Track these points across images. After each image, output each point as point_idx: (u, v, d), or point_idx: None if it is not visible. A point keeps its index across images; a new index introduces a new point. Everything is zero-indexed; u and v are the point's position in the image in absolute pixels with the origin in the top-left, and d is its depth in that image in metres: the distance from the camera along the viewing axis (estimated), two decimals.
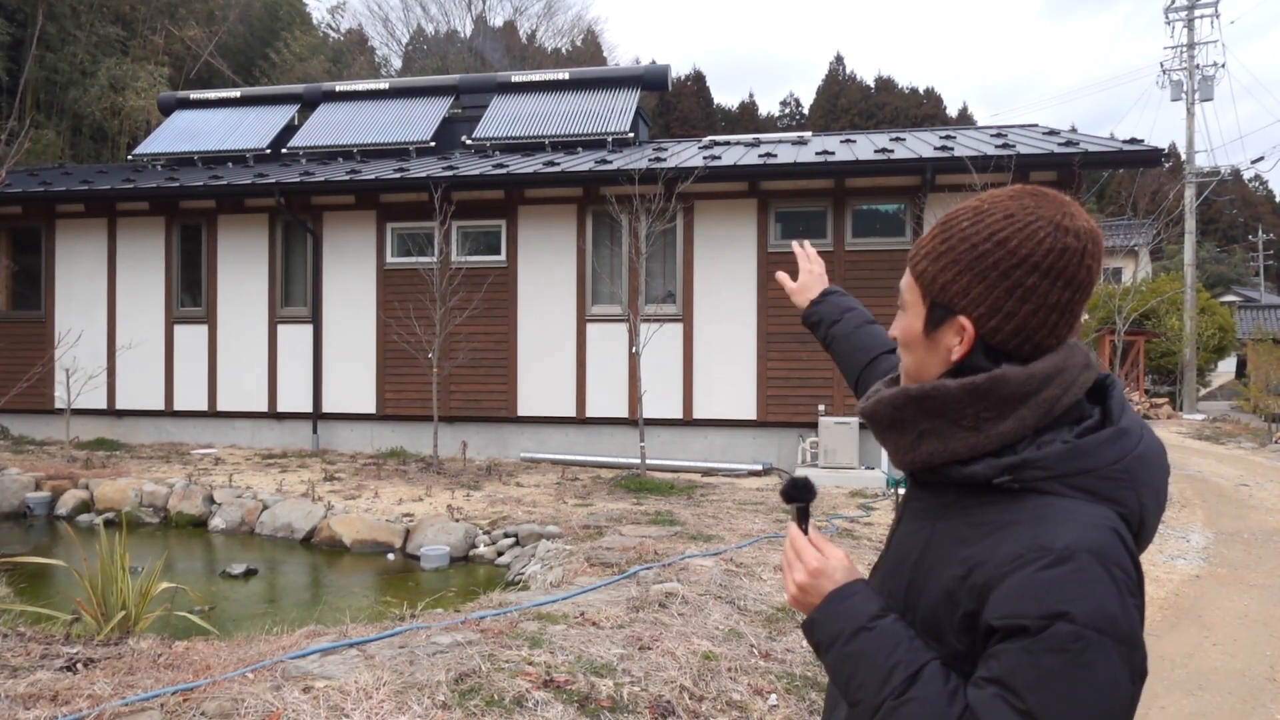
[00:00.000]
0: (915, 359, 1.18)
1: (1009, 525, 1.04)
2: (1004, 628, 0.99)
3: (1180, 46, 26.91)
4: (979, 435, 1.08)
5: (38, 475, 9.32)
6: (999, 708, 0.97)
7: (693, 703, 3.48)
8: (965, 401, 1.08)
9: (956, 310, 1.12)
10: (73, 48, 20.25)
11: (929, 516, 1.15)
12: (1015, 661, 0.97)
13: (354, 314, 11.73)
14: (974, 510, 1.09)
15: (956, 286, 1.11)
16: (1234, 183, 49.22)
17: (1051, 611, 0.96)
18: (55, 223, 12.65)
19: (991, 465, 1.07)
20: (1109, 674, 0.96)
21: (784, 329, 10.67)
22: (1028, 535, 1.01)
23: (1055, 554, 0.99)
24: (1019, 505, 1.05)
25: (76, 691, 3.19)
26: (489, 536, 7.37)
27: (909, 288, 1.18)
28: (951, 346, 1.13)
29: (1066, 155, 9.80)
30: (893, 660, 1.06)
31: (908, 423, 1.13)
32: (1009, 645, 0.98)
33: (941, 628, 1.07)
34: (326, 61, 27.40)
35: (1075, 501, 1.04)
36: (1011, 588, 0.99)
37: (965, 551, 1.06)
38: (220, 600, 6.13)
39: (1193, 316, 24.86)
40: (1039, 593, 0.97)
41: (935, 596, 1.09)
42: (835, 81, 53.28)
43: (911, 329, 1.17)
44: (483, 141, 12.84)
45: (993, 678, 0.99)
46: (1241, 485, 11.07)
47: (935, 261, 1.14)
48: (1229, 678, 4.58)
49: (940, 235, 1.15)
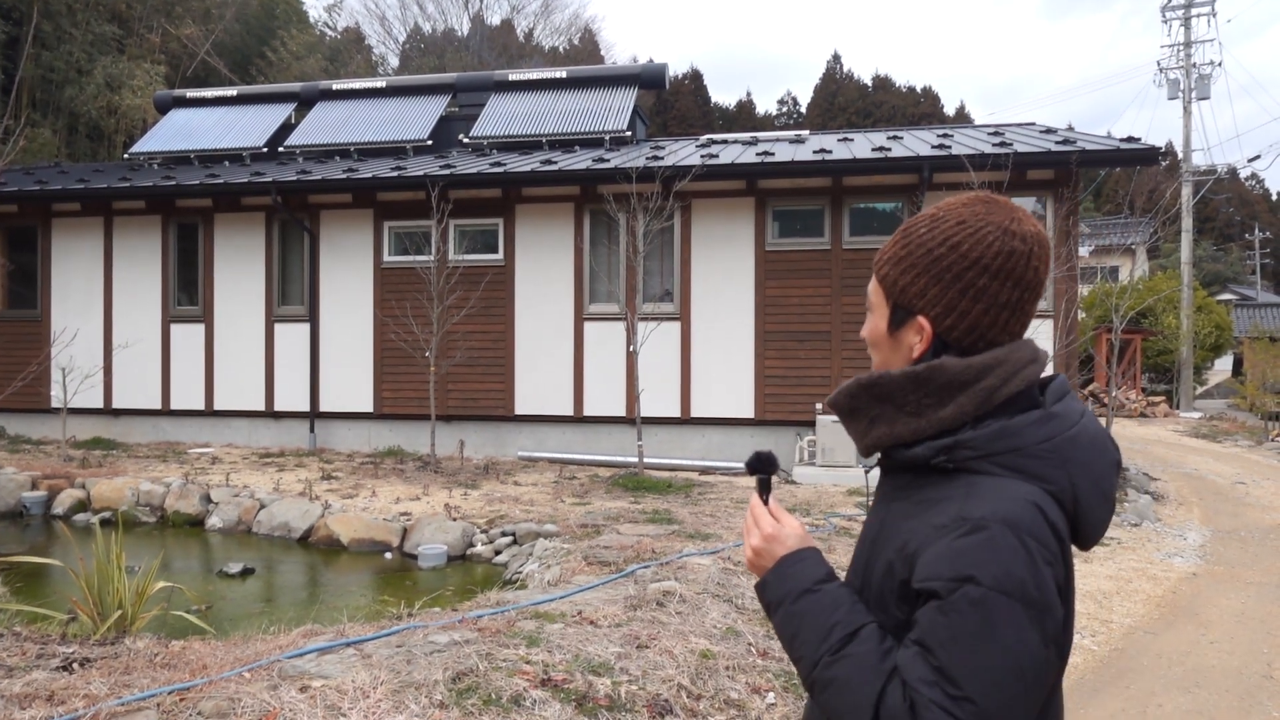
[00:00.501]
0: (881, 357, 1.28)
1: (942, 501, 1.13)
2: (922, 590, 1.09)
3: (1177, 45, 26.93)
4: (920, 420, 1.17)
5: (34, 474, 9.30)
6: (917, 664, 1.06)
7: (690, 701, 3.48)
8: (908, 388, 1.18)
9: (916, 311, 1.21)
10: (68, 46, 20.20)
11: (886, 499, 1.26)
12: (930, 621, 1.06)
13: (351, 313, 11.71)
14: (918, 490, 1.19)
15: (915, 289, 1.21)
16: (1230, 181, 49.26)
17: (960, 575, 1.05)
18: (51, 221, 12.63)
19: (930, 447, 1.16)
20: (1016, 635, 1.04)
21: (781, 328, 10.67)
22: (954, 508, 1.11)
23: (972, 523, 1.08)
24: (954, 483, 1.14)
25: (72, 691, 3.18)
26: (486, 535, 7.37)
27: (874, 291, 1.28)
28: (913, 344, 1.22)
29: (1064, 154, 9.80)
30: (832, 620, 1.15)
31: (861, 409, 1.23)
32: (927, 607, 1.08)
33: (885, 598, 1.16)
34: (323, 60, 27.36)
35: (1003, 479, 1.12)
36: (932, 554, 1.09)
37: (905, 525, 1.17)
38: (217, 600, 6.12)
39: (1189, 315, 24.89)
40: (952, 558, 1.07)
41: (881, 568, 1.18)
42: (833, 80, 53.27)
43: (878, 329, 1.27)
44: (480, 140, 12.83)
45: (914, 639, 1.08)
46: (1238, 483, 11.09)
47: (896, 266, 1.23)
48: (1226, 675, 4.58)
49: (900, 241, 1.24)
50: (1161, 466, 12.25)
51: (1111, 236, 29.36)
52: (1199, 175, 27.26)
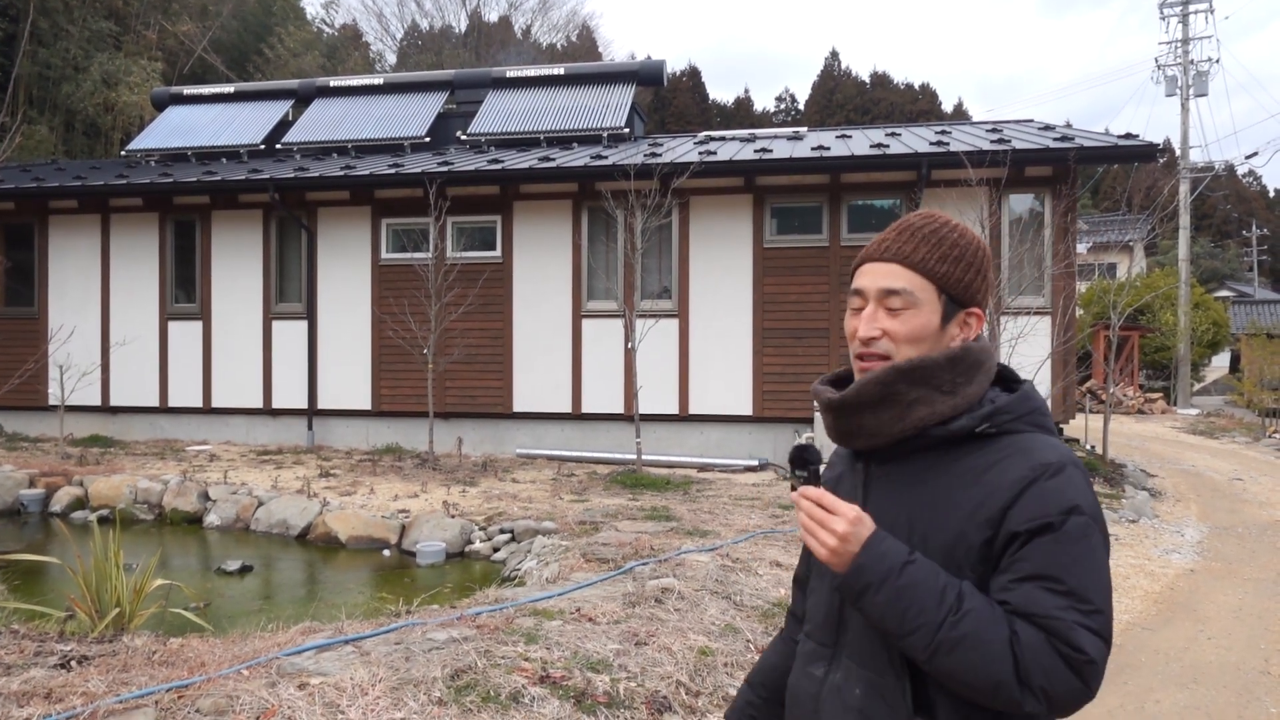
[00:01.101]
0: (923, 350, 1.33)
1: (999, 462, 1.25)
2: (1029, 529, 1.19)
3: (1175, 42, 26.94)
4: (955, 398, 1.29)
5: (32, 472, 9.28)
6: (1043, 596, 1.17)
7: (689, 698, 3.48)
8: (947, 369, 1.30)
9: (966, 303, 1.35)
10: (65, 43, 20.15)
11: (904, 483, 1.32)
12: (1046, 554, 1.18)
13: (349, 310, 11.70)
14: (956, 463, 1.28)
15: (974, 285, 1.36)
16: (1228, 178, 49.31)
17: (1067, 507, 1.20)
18: (48, 219, 12.60)
19: (971, 418, 1.28)
20: (1103, 550, 1.22)
21: (779, 324, 10.67)
22: (1023, 462, 1.24)
23: (1053, 467, 1.23)
24: (998, 446, 1.27)
25: (70, 689, 3.18)
26: (485, 532, 7.37)
27: (920, 289, 1.33)
28: (955, 336, 1.35)
29: (1062, 150, 9.80)
30: (940, 582, 1.20)
31: (897, 395, 1.29)
32: (1037, 543, 1.18)
33: (958, 565, 1.23)
34: (321, 57, 27.32)
35: (1037, 434, 1.29)
36: (1031, 498, 1.20)
37: (965, 495, 1.25)
38: (215, 597, 6.12)
39: (1187, 312, 24.92)
40: (1053, 496, 1.20)
41: (945, 541, 1.24)
42: (830, 77, 53.24)
43: (927, 325, 1.33)
44: (478, 137, 12.81)
45: (1027, 575, 1.18)
46: (1236, 479, 11.11)
47: (955, 264, 1.34)
48: (1223, 671, 4.59)
49: (949, 241, 1.35)
50: (1159, 463, 12.27)
51: (1109, 233, 29.39)
52: (1197, 172, 27.26)
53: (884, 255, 1.36)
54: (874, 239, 1.42)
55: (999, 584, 1.20)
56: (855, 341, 1.37)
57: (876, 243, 1.40)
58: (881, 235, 1.41)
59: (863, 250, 1.43)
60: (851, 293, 1.41)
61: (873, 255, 1.39)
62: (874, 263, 1.38)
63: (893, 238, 1.38)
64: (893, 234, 1.39)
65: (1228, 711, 4.09)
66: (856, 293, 1.39)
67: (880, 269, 1.36)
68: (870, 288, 1.36)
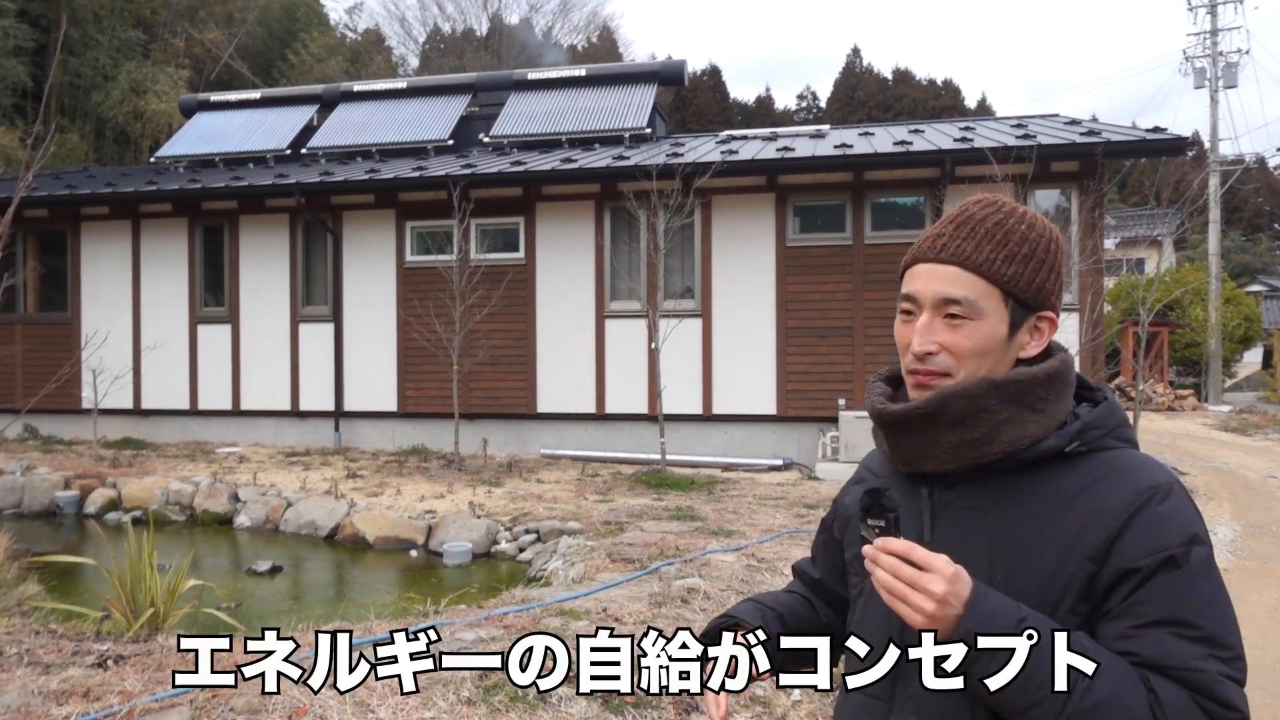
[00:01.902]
0: (989, 364, 1.15)
1: (1093, 484, 1.09)
2: (1149, 565, 1.02)
3: (1203, 33, 26.56)
4: (1045, 416, 1.12)
5: (66, 474, 9.46)
6: (1177, 644, 1.00)
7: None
8: (1043, 385, 1.13)
9: (1038, 308, 1.17)
10: (95, 52, 20.48)
11: (978, 513, 1.13)
12: (1175, 593, 1.01)
13: (374, 312, 11.80)
14: (1039, 486, 1.11)
15: (1048, 286, 1.17)
16: (1260, 170, 48.48)
17: (1188, 536, 1.04)
18: (80, 225, 12.82)
19: (1061, 437, 1.11)
20: (1221, 577, 1.07)
21: (803, 323, 10.63)
22: (1125, 484, 1.08)
23: (1161, 490, 1.07)
24: (1089, 465, 1.11)
25: (107, 688, 3.24)
26: (510, 533, 7.41)
27: (983, 296, 1.14)
28: (1025, 343, 1.17)
29: (1088, 145, 9.69)
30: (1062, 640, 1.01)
31: (987, 412, 1.11)
32: (1160, 581, 1.02)
33: (1051, 608, 1.05)
34: (344, 62, 27.54)
35: (1127, 450, 1.13)
36: (1143, 527, 1.04)
37: (1056, 524, 1.08)
38: (246, 597, 6.20)
39: (1218, 307, 24.53)
40: (1170, 523, 1.05)
41: (1038, 580, 1.07)
42: (852, 74, 52.93)
43: (994, 336, 1.14)
44: (500, 139, 12.87)
45: (1155, 619, 1.01)
46: (1269, 477, 10.93)
47: (1025, 264, 1.15)
48: (1259, 672, 4.52)
49: (1018, 238, 1.15)
50: (1190, 461, 12.09)
51: (1137, 228, 28.97)
52: (1227, 165, 26.86)
53: (940, 255, 1.16)
54: (927, 232, 1.21)
55: (1116, 630, 1.02)
56: (908, 355, 1.18)
57: (931, 238, 1.18)
58: (936, 229, 1.19)
59: (914, 246, 1.21)
60: (901, 297, 1.20)
61: (927, 254, 1.18)
62: (928, 263, 1.17)
63: (949, 233, 1.17)
64: (949, 228, 1.17)
65: (1262, 713, 4.03)
66: (908, 298, 1.18)
67: (936, 272, 1.15)
68: (925, 294, 1.16)
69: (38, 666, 3.50)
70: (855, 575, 1.28)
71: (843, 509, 1.37)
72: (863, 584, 1.24)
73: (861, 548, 1.08)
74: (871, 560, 1.05)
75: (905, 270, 1.21)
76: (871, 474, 1.32)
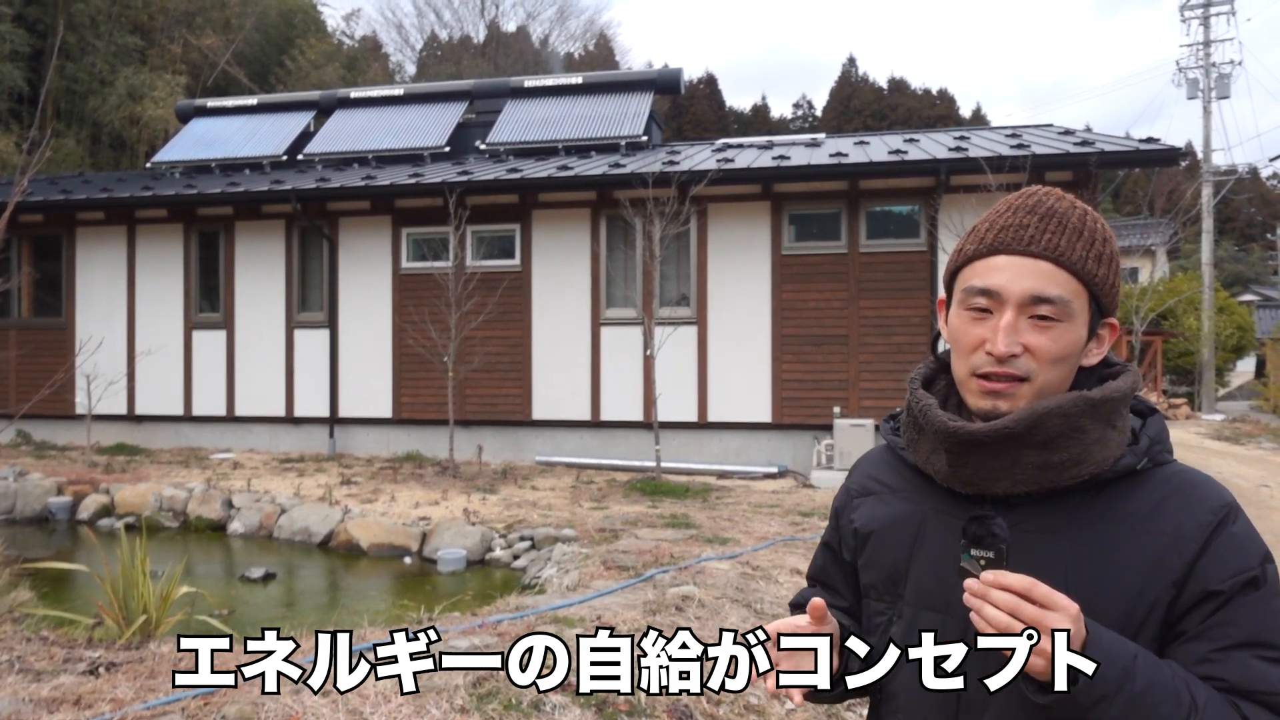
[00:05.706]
0: (1063, 373, 1.07)
1: (1160, 503, 1.04)
2: (1232, 587, 0.98)
3: (1196, 44, 26.73)
4: (1120, 434, 1.07)
5: (59, 480, 9.42)
6: (1265, 668, 0.96)
7: (710, 706, 3.48)
8: (1124, 402, 1.07)
9: (1108, 313, 1.11)
10: (92, 57, 20.49)
11: (1048, 537, 1.05)
12: (1258, 614, 0.98)
13: (370, 319, 11.79)
14: (1109, 507, 1.05)
15: (1111, 285, 1.09)
16: (1252, 181, 48.75)
17: (1263, 555, 1.01)
18: (76, 230, 12.80)
19: (1135, 454, 1.06)
20: None
21: (798, 331, 10.65)
22: (1197, 502, 1.04)
23: (1231, 508, 1.04)
24: (1152, 482, 1.06)
25: (99, 695, 3.23)
26: (505, 540, 7.40)
27: (1076, 295, 1.06)
28: (1092, 352, 1.11)
29: (1082, 155, 9.74)
30: (1168, 674, 0.96)
31: (1080, 432, 1.03)
32: (1241, 602, 0.98)
33: (1133, 633, 1.00)
34: (341, 68, 27.60)
35: (1177, 465, 1.10)
36: (1223, 549, 1.00)
37: (1133, 547, 1.02)
38: (239, 604, 6.18)
39: (1210, 316, 24.64)
40: (1246, 544, 1.01)
41: (1122, 606, 1.01)
42: (848, 83, 53.17)
43: (1078, 342, 1.07)
44: (497, 146, 12.89)
45: (1238, 642, 0.97)
46: (1262, 486, 10.96)
47: (1107, 265, 1.08)
48: None
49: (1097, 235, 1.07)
50: None
51: (1131, 238, 29.11)
52: (1220, 175, 27.02)
53: (1030, 248, 1.05)
54: (999, 222, 1.09)
55: (1195, 653, 0.97)
56: (979, 354, 1.07)
57: (1013, 229, 1.07)
58: (1014, 218, 1.08)
59: (986, 235, 1.09)
60: (975, 291, 1.08)
61: (1012, 246, 1.06)
62: (1015, 256, 1.06)
63: (1034, 224, 1.06)
64: (1033, 219, 1.06)
65: None
66: (985, 293, 1.06)
67: (1026, 266, 1.05)
68: (1011, 290, 1.05)
69: (29, 673, 3.49)
70: (880, 602, 1.18)
71: (848, 528, 1.26)
72: (891, 612, 1.15)
73: (964, 580, 0.97)
74: (979, 596, 0.95)
75: (972, 261, 1.10)
76: (878, 483, 1.22)
